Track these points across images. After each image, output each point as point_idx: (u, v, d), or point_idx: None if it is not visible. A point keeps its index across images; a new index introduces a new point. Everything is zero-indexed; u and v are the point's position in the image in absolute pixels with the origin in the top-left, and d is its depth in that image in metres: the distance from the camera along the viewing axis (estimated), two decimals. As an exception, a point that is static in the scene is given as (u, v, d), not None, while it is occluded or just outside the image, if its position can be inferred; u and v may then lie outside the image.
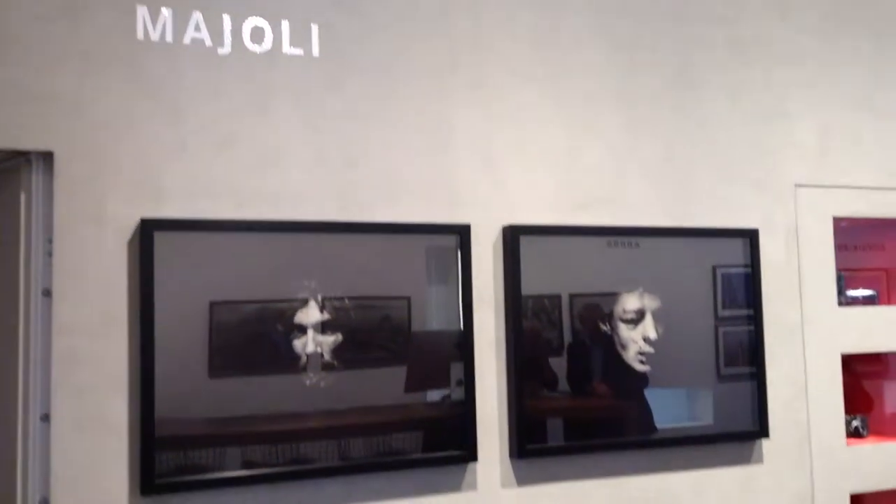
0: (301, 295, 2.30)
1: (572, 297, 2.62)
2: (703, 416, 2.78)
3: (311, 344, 2.29)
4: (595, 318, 2.64)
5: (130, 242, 2.18)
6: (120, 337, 2.15)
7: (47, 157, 2.16)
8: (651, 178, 2.76)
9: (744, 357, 2.79)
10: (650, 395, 2.69)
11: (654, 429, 2.68)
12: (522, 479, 2.52)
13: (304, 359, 2.28)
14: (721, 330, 2.79)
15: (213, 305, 2.22)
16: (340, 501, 2.33)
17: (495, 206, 2.57)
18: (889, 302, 3.09)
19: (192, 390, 2.19)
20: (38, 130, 2.14)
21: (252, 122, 2.34)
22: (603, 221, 2.68)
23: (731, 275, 2.81)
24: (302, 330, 2.29)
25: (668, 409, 2.74)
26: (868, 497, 2.99)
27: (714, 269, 2.79)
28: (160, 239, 2.18)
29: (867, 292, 3.10)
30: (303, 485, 2.28)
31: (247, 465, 2.23)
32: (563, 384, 2.60)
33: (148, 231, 2.17)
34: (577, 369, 2.63)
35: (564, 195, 2.66)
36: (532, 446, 2.51)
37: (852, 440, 2.99)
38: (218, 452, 2.21)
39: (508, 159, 2.60)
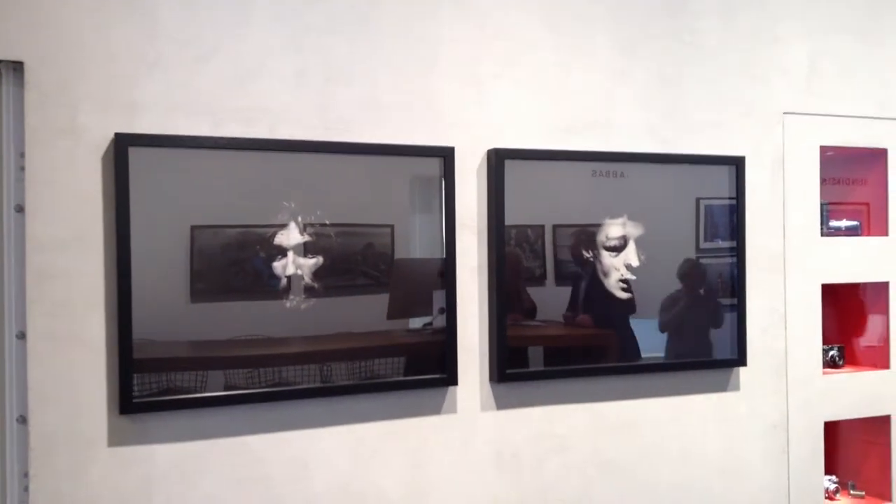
0: (281, 216, 2.25)
1: (556, 227, 2.59)
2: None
3: (291, 266, 2.26)
4: (578, 245, 2.62)
5: (104, 157, 2.12)
6: (95, 254, 2.11)
7: (17, 67, 2.07)
8: (640, 103, 2.72)
9: (725, 288, 2.80)
10: (634, 324, 2.70)
11: (639, 356, 2.70)
12: (502, 403, 2.54)
13: (284, 281, 2.26)
14: (703, 262, 2.79)
15: (194, 230, 2.18)
16: (321, 423, 2.34)
17: (480, 128, 2.52)
18: (871, 233, 3.08)
19: (174, 314, 2.17)
20: (8, 39, 2.05)
21: (232, 36, 2.25)
22: (590, 146, 2.64)
23: (713, 206, 2.79)
24: (282, 252, 2.26)
25: (650, 338, 2.75)
26: (841, 424, 3.05)
27: (698, 200, 2.77)
28: (135, 155, 2.12)
29: (850, 223, 3.09)
30: (283, 406, 2.28)
31: (229, 388, 2.22)
32: (546, 311, 2.60)
33: (122, 146, 2.10)
34: (559, 296, 2.62)
35: (552, 119, 2.61)
36: (512, 371, 2.52)
37: (828, 369, 3.03)
38: (200, 375, 2.20)
39: (495, 80, 2.54)
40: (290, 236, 2.26)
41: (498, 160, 2.50)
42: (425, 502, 2.45)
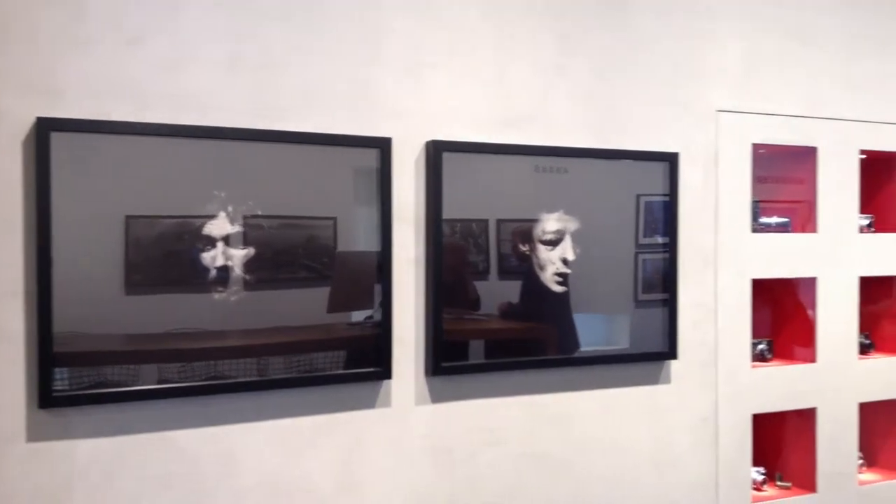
0: (211, 206, 2.20)
1: (500, 222, 2.59)
2: (619, 341, 2.83)
3: (220, 257, 2.21)
4: (516, 239, 2.63)
5: (25, 142, 2.04)
6: (15, 243, 2.03)
7: (-71, 46, 1.98)
8: (578, 98, 2.73)
9: (661, 283, 2.84)
10: (578, 317, 2.73)
11: (578, 349, 2.73)
12: (437, 397, 2.54)
13: (213, 272, 2.20)
14: (641, 257, 2.82)
15: (129, 219, 2.11)
16: (252, 417, 2.30)
17: (419, 120, 2.49)
18: (801, 230, 3.16)
19: (107, 306, 2.10)
20: (-82, 16, 1.96)
21: (163, 17, 2.18)
22: (529, 140, 2.64)
23: (653, 203, 2.82)
24: (212, 242, 2.20)
25: (587, 333, 2.77)
26: (769, 417, 3.12)
27: (638, 197, 2.80)
28: (58, 140, 2.04)
29: (780, 220, 3.16)
30: (212, 400, 2.23)
31: (162, 382, 2.17)
32: (489, 305, 2.60)
33: (44, 131, 2.02)
34: (503, 290, 2.62)
35: (490, 112, 2.60)
36: (447, 364, 2.51)
37: (757, 363, 3.10)
38: (132, 369, 2.14)
39: (433, 72, 2.52)
40: (220, 226, 2.20)
41: (436, 152, 2.48)
42: (356, 496, 2.43)
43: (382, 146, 2.41)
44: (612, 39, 2.78)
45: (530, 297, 2.67)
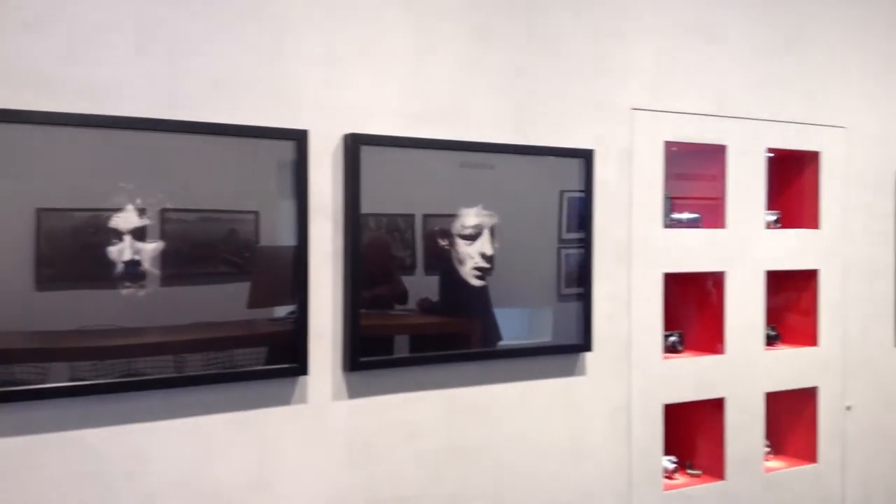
0: (118, 198, 2.13)
1: (426, 216, 2.59)
2: (542, 334, 2.87)
3: (128, 251, 2.14)
4: (436, 233, 2.63)
5: (-86, 131, 1.93)
6: None
7: None
8: (495, 93, 2.74)
9: (581, 277, 2.89)
10: (497, 312, 2.75)
11: (498, 342, 2.75)
12: (354, 392, 2.52)
13: (119, 267, 2.13)
14: (564, 252, 2.86)
15: (39, 212, 2.03)
16: (164, 415, 2.24)
17: (336, 112, 2.47)
18: (711, 226, 3.25)
19: (16, 302, 2.02)
20: None
21: (68, 3, 2.10)
22: (448, 135, 2.64)
23: (575, 198, 2.87)
24: (118, 236, 2.13)
25: (511, 326, 2.80)
26: (680, 407, 3.20)
27: (561, 193, 2.84)
28: (-49, 129, 1.94)
29: (691, 216, 3.25)
30: (123, 398, 2.17)
31: (75, 380, 2.09)
32: (414, 300, 2.60)
33: (-65, 119, 1.92)
34: (428, 285, 2.63)
35: (408, 105, 2.59)
36: (365, 359, 2.50)
37: (669, 354, 3.18)
38: (41, 368, 2.06)
39: (350, 63, 2.49)
40: (127, 220, 2.13)
41: (354, 145, 2.46)
42: (271, 494, 2.40)
43: (298, 138, 2.37)
44: (529, 36, 2.80)
45: (450, 291, 2.67)
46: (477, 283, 2.70)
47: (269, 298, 2.39)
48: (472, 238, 2.67)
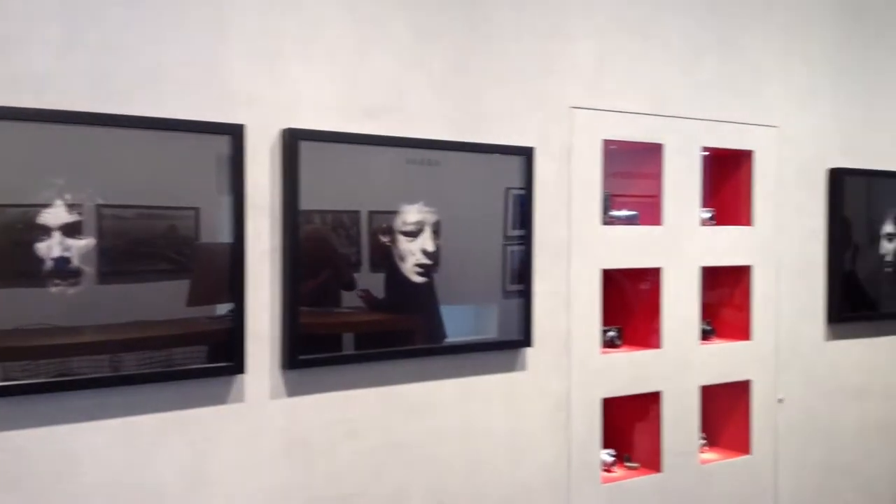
0: (47, 194, 2.07)
1: (371, 213, 2.58)
2: (488, 331, 2.89)
3: (56, 248, 2.08)
4: (377, 230, 2.62)
5: None
6: None
7: None
8: (438, 90, 2.75)
9: (522, 273, 2.91)
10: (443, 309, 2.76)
11: (442, 339, 2.76)
12: (293, 390, 2.50)
13: (48, 264, 2.07)
14: (509, 249, 2.88)
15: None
16: (98, 414, 2.19)
17: (273, 107, 2.44)
18: (648, 223, 3.31)
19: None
20: None
21: (-13, -9, 2.04)
22: (390, 131, 2.63)
23: (520, 195, 2.89)
24: (46, 232, 2.07)
25: (457, 323, 2.81)
26: (618, 400, 3.26)
27: (507, 190, 2.86)
28: None
29: (629, 213, 3.31)
30: (55, 398, 2.11)
31: (7, 380, 2.03)
32: (353, 297, 2.59)
33: None
34: (372, 282, 2.62)
35: (349, 101, 2.58)
36: (303, 357, 2.48)
37: (607, 349, 3.23)
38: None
39: (289, 57, 2.47)
40: (57, 216, 2.08)
41: (292, 140, 2.43)
42: (207, 495, 2.36)
43: (234, 133, 2.34)
44: (469, 32, 2.81)
45: (393, 288, 2.67)
46: (419, 279, 2.70)
47: (209, 296, 2.35)
48: (414, 235, 2.67)
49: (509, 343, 2.90)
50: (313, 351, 2.51)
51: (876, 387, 4.00)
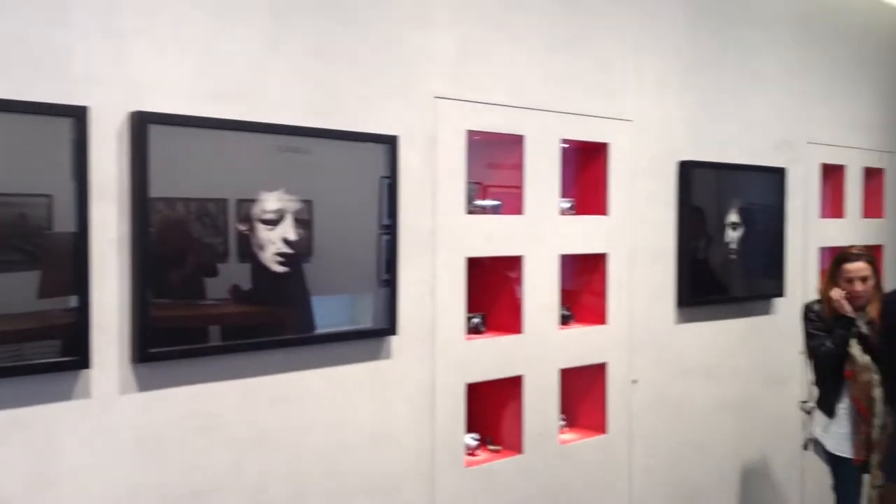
0: None
1: (239, 202, 2.52)
2: (363, 320, 2.89)
3: None
4: (235, 219, 2.55)
5: None
6: None
7: None
8: (299, 75, 2.70)
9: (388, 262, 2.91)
10: (315, 299, 2.73)
11: (310, 330, 2.72)
12: (145, 385, 2.40)
13: None
14: (384, 238, 2.88)
15: None
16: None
17: (121, 88, 2.33)
18: (512, 212, 3.38)
19: None
20: None
21: None
22: (247, 116, 2.57)
23: (388, 185, 2.88)
24: None
25: (330, 313, 2.79)
26: (482, 385, 3.32)
27: (381, 179, 2.85)
28: None
29: (493, 203, 3.37)
30: None
31: None
32: (219, 290, 2.52)
33: None
34: (236, 272, 2.56)
35: (205, 84, 2.49)
36: (155, 350, 2.39)
37: (472, 336, 3.28)
38: None
39: (136, 37, 2.35)
40: None
41: (140, 124, 2.33)
42: (52, 495, 2.24)
43: (77, 115, 2.21)
44: (330, 17, 2.77)
45: (256, 279, 2.61)
46: (280, 269, 2.65)
47: (58, 288, 2.22)
48: (274, 223, 2.62)
49: (374, 332, 2.90)
50: (169, 343, 2.42)
51: (722, 367, 4.27)
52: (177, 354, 2.45)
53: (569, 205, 3.60)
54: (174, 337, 2.45)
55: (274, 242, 2.63)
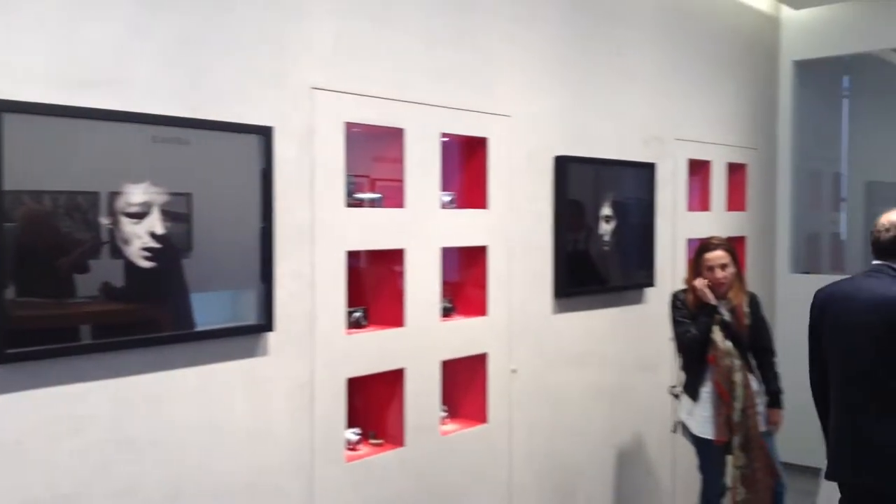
0: None
1: (112, 194, 2.42)
2: (248, 316, 2.83)
3: None
4: (98, 212, 2.44)
5: None
6: None
7: None
8: (167, 62, 2.60)
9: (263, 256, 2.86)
10: (196, 296, 2.66)
11: (188, 327, 2.65)
12: (4, 387, 2.28)
13: None
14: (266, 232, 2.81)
15: None
16: None
17: (-30, 75, 2.19)
18: (393, 205, 3.38)
19: None
20: None
21: None
22: (111, 105, 2.46)
23: (262, 177, 2.82)
24: None
25: (211, 309, 2.73)
26: (364, 379, 3.32)
27: (263, 171, 2.79)
28: None
29: (374, 196, 3.36)
30: None
31: None
32: (90, 286, 2.42)
33: None
34: (110, 268, 2.46)
35: (65, 71, 2.37)
36: (14, 351, 2.26)
37: (353, 330, 3.27)
38: None
39: (-13, 21, 2.22)
40: None
41: (-7, 113, 2.20)
42: None
43: (-82, 102, 2.07)
44: (201, 4, 2.69)
45: (126, 275, 2.51)
46: (146, 264, 2.56)
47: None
48: (139, 217, 2.52)
49: (249, 328, 2.85)
50: (32, 343, 2.30)
51: (597, 355, 4.43)
52: (41, 354, 2.32)
53: (450, 198, 3.64)
54: (39, 336, 2.33)
55: (140, 237, 2.53)
